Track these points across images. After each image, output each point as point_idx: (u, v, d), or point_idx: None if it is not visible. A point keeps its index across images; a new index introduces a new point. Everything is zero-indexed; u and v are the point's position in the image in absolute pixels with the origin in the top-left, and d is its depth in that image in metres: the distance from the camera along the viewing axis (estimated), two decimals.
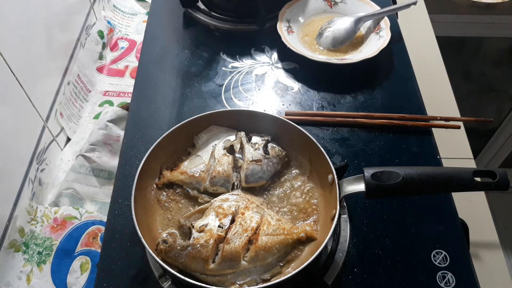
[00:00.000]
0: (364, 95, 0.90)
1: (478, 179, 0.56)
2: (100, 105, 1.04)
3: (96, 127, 0.92)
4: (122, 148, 0.81)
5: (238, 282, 0.60)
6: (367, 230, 0.71)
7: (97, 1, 1.18)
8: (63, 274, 0.77)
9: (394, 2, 1.10)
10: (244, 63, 0.97)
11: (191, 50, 0.99)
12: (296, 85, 0.92)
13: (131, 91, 0.92)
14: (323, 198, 0.68)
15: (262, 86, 0.93)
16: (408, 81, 0.92)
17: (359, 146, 0.82)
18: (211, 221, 0.62)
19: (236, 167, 0.71)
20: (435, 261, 0.68)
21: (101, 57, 1.12)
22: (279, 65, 0.96)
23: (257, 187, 0.70)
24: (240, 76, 0.94)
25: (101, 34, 1.12)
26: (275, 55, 0.98)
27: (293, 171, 0.73)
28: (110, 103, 1.05)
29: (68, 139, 0.97)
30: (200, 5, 1.06)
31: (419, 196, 0.74)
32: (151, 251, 0.58)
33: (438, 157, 0.80)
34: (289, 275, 0.56)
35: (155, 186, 0.70)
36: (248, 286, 0.60)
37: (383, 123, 0.84)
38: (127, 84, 1.09)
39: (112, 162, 0.91)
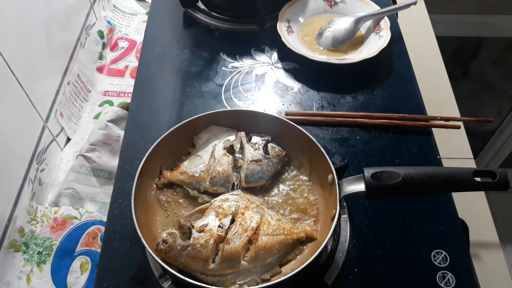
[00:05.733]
0: (364, 95, 0.90)
1: (478, 179, 0.56)
2: (100, 105, 1.04)
3: (96, 127, 0.92)
4: (122, 148, 0.81)
5: (238, 282, 0.60)
6: (367, 230, 0.71)
7: (97, 1, 1.18)
8: (63, 274, 0.77)
9: (394, 2, 1.10)
10: (244, 63, 0.97)
11: (191, 50, 0.99)
12: (296, 85, 0.92)
13: (131, 91, 0.92)
14: (323, 198, 0.68)
15: (262, 86, 0.93)
16: (408, 81, 0.92)
17: (359, 146, 0.82)
18: (211, 221, 0.62)
19: (236, 167, 0.71)
20: (435, 261, 0.68)
21: (101, 57, 1.12)
22: (279, 65, 0.96)
23: (257, 187, 0.70)
24: (240, 76, 0.94)
25: (101, 34, 1.12)
26: (275, 55, 0.98)
27: (293, 171, 0.73)
28: (110, 103, 1.05)
29: (68, 139, 0.97)
30: (200, 5, 1.06)
31: (419, 196, 0.74)
32: (151, 251, 0.58)
33: (438, 157, 0.80)
34: (289, 275, 0.56)
35: (155, 186, 0.70)
36: (248, 286, 0.60)
37: (383, 123, 0.84)
38: (127, 84, 1.08)
39: (112, 162, 0.91)
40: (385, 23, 0.97)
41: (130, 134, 0.83)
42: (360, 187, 0.59)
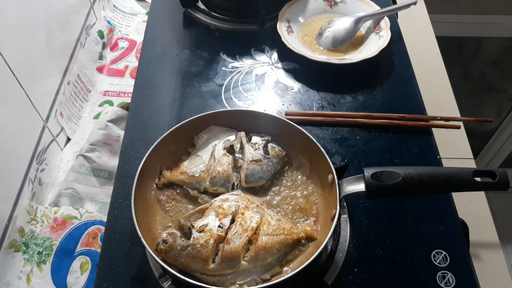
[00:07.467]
0: (364, 95, 0.90)
1: (478, 179, 0.56)
2: (100, 105, 1.04)
3: (96, 127, 0.92)
4: (122, 148, 0.81)
5: (238, 282, 0.60)
6: (367, 230, 0.71)
7: (97, 1, 1.18)
8: (63, 274, 0.77)
9: (394, 2, 1.10)
10: (244, 63, 0.97)
11: (191, 50, 0.99)
12: (296, 85, 0.92)
13: (131, 91, 0.92)
14: (323, 198, 0.68)
15: (262, 86, 0.93)
16: (408, 81, 0.92)
17: (359, 146, 0.82)
18: (211, 221, 0.62)
19: (236, 167, 0.71)
20: (435, 261, 0.68)
21: (101, 57, 1.12)
22: (279, 65, 0.96)
23: (257, 187, 0.70)
24: (240, 76, 0.94)
25: (101, 34, 1.12)
26: (275, 55, 0.98)
27: (293, 171, 0.73)
28: (110, 103, 1.05)
29: (68, 139, 0.97)
30: (200, 5, 1.06)
31: (419, 196, 0.74)
32: (151, 251, 0.58)
33: (438, 157, 0.80)
34: (289, 275, 0.56)
35: (155, 186, 0.70)
36: (248, 286, 0.60)
37: (383, 123, 0.84)
38: (127, 84, 1.08)
39: (112, 162, 0.91)
40: (385, 23, 0.97)
41: (130, 134, 0.83)
42: (360, 187, 0.59)
